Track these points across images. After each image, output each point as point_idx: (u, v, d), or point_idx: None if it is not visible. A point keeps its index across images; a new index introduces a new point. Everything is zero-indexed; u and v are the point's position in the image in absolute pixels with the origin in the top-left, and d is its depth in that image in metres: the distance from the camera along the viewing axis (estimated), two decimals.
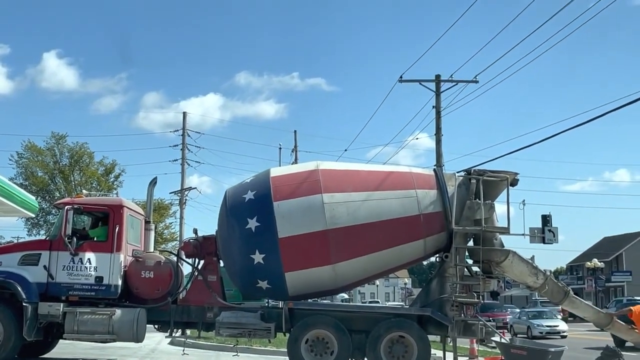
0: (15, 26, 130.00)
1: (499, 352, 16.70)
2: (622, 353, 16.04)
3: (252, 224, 15.32)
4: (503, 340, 16.28)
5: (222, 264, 16.59)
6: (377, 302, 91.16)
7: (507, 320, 45.15)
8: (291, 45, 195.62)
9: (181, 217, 48.27)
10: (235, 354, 17.18)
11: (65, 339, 16.31)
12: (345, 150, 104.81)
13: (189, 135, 49.51)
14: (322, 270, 15.34)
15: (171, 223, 54.91)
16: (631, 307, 16.78)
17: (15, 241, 22.51)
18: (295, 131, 54.82)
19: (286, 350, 15.75)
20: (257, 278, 15.58)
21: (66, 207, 16.01)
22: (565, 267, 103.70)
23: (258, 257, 15.27)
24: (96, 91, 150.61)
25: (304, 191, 15.44)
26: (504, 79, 55.08)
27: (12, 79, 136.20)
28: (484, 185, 15.71)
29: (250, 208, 15.50)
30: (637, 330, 16.19)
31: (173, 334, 18.75)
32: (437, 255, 16.38)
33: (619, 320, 16.84)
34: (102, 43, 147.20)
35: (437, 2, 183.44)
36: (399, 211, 15.44)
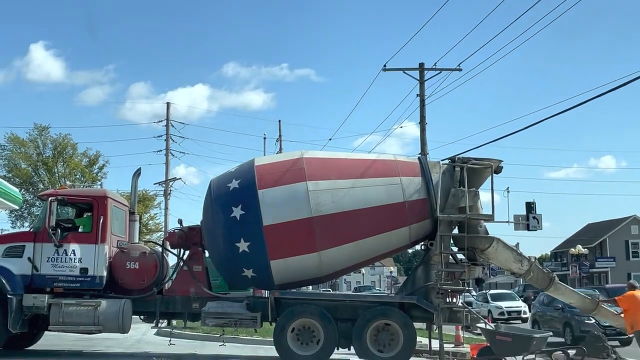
0: (2, 17, 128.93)
1: (485, 338, 16.79)
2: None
3: (237, 212, 15.30)
4: (488, 327, 16.36)
5: (207, 254, 16.58)
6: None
7: None
8: (281, 36, 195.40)
9: (166, 208, 48.13)
10: (222, 343, 17.17)
11: (50, 330, 16.26)
12: (330, 139, 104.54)
13: (173, 126, 49.32)
14: (308, 258, 15.36)
15: (156, 214, 54.67)
16: (615, 298, 16.90)
17: None
18: (279, 120, 54.41)
19: (272, 339, 15.77)
20: (243, 267, 15.57)
21: (50, 199, 15.93)
22: (549, 253, 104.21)
23: (243, 246, 15.27)
24: (83, 83, 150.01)
25: (288, 179, 15.45)
26: (488, 66, 55.21)
27: None
28: (468, 172, 15.74)
29: (235, 197, 15.48)
30: (622, 316, 16.31)
31: (159, 325, 18.72)
32: (422, 243, 16.42)
33: (604, 306, 16.95)
34: (90, 34, 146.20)
35: None
36: (384, 198, 15.47)
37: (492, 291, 47.82)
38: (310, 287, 21.45)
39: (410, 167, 16.04)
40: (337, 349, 15.52)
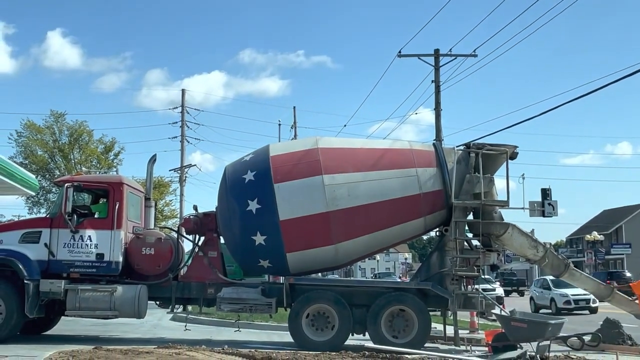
0: (21, 4, 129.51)
1: (500, 325, 16.76)
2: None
3: (253, 205, 15.32)
4: (503, 313, 16.34)
5: (222, 240, 16.63)
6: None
7: None
8: (297, 23, 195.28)
9: (181, 194, 48.25)
10: (237, 329, 17.23)
11: (67, 315, 16.37)
12: (345, 125, 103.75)
13: (189, 113, 49.42)
14: (324, 250, 15.43)
15: (171, 200, 54.82)
16: (630, 284, 16.88)
17: (16, 219, 22.43)
18: (294, 107, 54.31)
19: (287, 325, 15.83)
20: (259, 258, 15.64)
21: (66, 185, 15.98)
22: (565, 240, 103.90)
23: (259, 239, 15.32)
24: (99, 70, 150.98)
25: (304, 172, 15.42)
26: (503, 52, 54.87)
27: (16, 58, 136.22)
28: (483, 158, 15.71)
29: (250, 190, 15.49)
30: (637, 302, 16.26)
31: (174, 310, 18.78)
32: (437, 229, 16.41)
33: (619, 292, 16.91)
34: (107, 22, 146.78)
35: None
36: (400, 191, 15.46)
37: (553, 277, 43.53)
38: (320, 274, 21.44)
39: (426, 156, 15.98)
40: (352, 335, 15.57)
